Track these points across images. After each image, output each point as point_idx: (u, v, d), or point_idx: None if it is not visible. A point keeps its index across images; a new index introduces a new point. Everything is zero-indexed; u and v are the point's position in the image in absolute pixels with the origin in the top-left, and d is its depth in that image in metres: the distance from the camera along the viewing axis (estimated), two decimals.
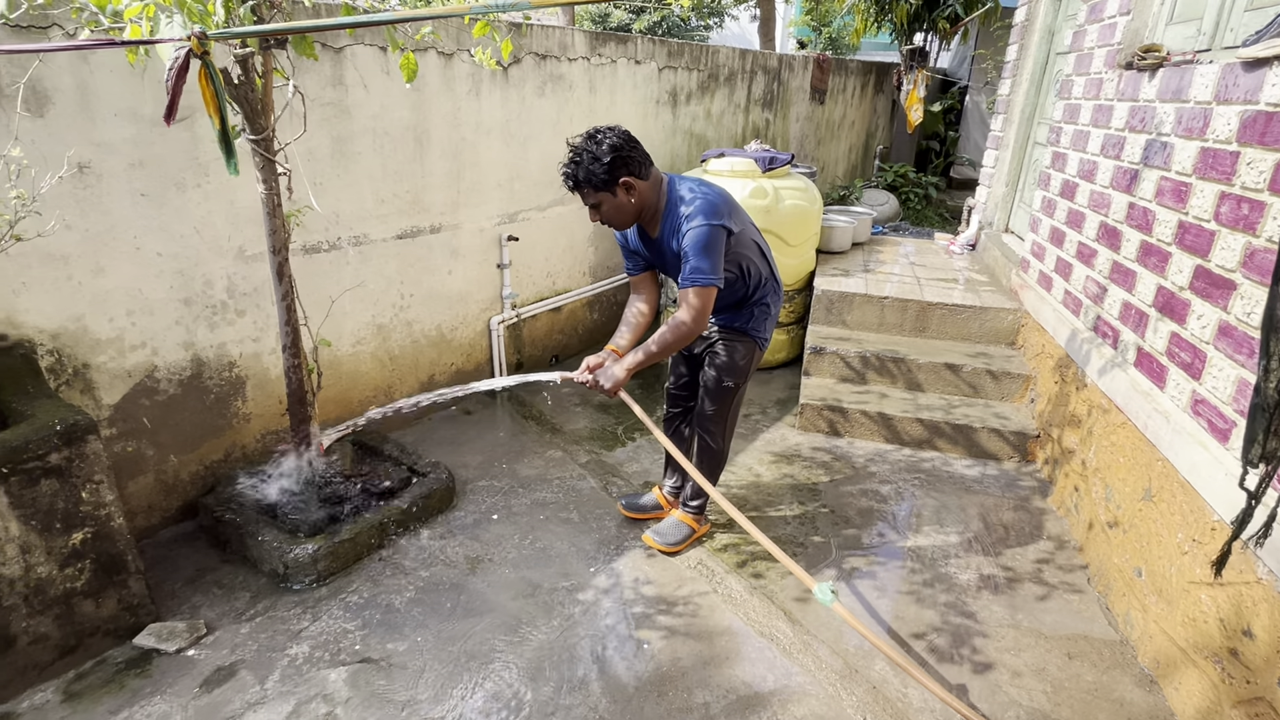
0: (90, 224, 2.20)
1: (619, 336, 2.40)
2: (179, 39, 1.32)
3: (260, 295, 2.68)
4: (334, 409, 3.09)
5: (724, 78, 5.19)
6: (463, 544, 2.61)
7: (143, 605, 2.13)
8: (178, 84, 1.36)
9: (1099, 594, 2.45)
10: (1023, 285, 3.77)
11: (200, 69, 1.38)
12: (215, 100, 1.43)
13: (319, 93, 2.67)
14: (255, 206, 2.56)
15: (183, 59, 1.32)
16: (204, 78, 1.39)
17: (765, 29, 9.15)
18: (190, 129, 2.36)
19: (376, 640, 2.16)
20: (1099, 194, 2.91)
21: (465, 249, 3.49)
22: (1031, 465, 3.27)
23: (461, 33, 3.14)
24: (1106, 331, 2.73)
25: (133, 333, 2.38)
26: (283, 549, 2.33)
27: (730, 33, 16.92)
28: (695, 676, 2.07)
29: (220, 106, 1.44)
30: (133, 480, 2.48)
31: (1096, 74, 3.11)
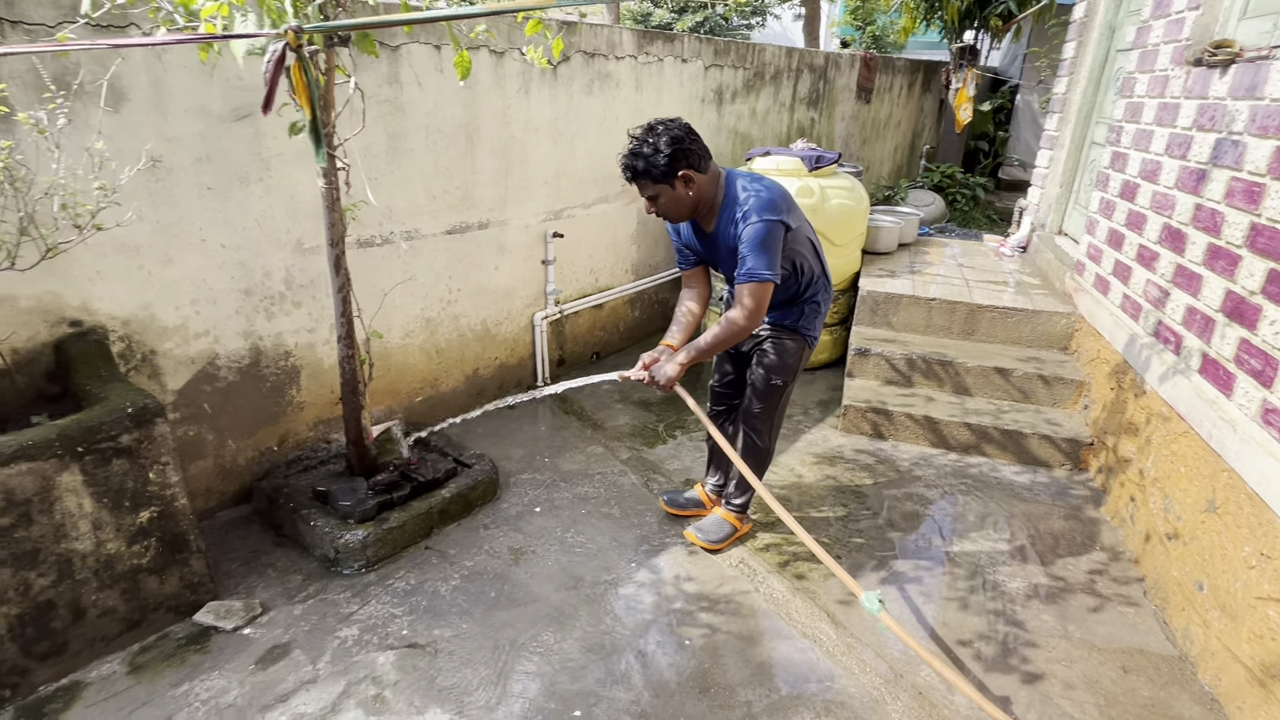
0: (160, 216, 2.29)
1: (671, 334, 2.40)
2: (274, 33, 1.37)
3: (316, 287, 2.76)
4: (383, 399, 3.16)
5: (769, 76, 5.16)
6: (506, 535, 2.65)
7: (203, 584, 2.22)
8: (275, 76, 1.41)
9: (1156, 607, 2.37)
10: (1077, 289, 3.67)
11: (294, 62, 1.43)
12: (308, 92, 1.48)
13: (376, 90, 2.73)
14: (313, 201, 2.63)
15: (280, 52, 1.37)
16: (298, 70, 1.44)
17: (810, 27, 9.07)
18: (254, 125, 2.44)
19: (423, 626, 2.20)
20: (1162, 195, 2.81)
21: (511, 245, 3.54)
22: (1084, 473, 3.18)
23: (513, 31, 3.18)
24: (1168, 337, 2.64)
25: (196, 321, 2.47)
26: (334, 534, 2.39)
27: (772, 31, 16.79)
28: (737, 675, 2.06)
29: (312, 98, 1.49)
30: (193, 463, 2.58)
31: (1162, 71, 3.01)
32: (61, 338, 2.18)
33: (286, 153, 2.53)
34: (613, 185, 4.06)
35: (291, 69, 1.43)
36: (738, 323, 2.15)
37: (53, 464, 1.82)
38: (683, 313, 2.45)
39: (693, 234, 2.35)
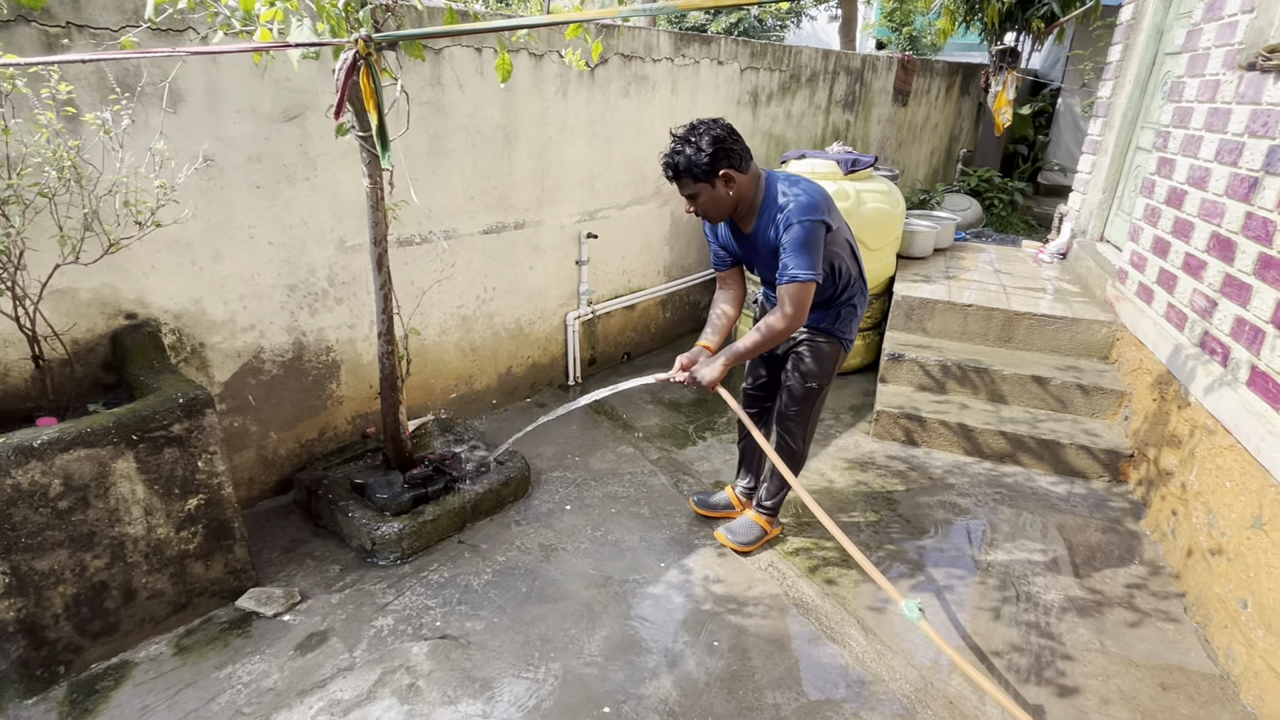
0: (212, 213, 2.37)
1: (706, 336, 2.41)
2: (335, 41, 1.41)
3: (357, 285, 2.83)
4: (419, 395, 3.22)
5: (805, 79, 5.14)
6: (537, 532, 2.68)
7: (245, 570, 2.29)
8: (346, 82, 1.46)
9: (1197, 624, 2.31)
10: (1119, 297, 3.59)
11: (363, 68, 1.48)
12: (375, 96, 1.53)
13: (419, 92, 2.79)
14: (357, 200, 2.70)
15: (351, 60, 1.42)
16: (366, 76, 1.49)
17: (847, 29, 8.99)
18: (301, 126, 2.51)
19: (456, 618, 2.25)
20: (1211, 202, 2.74)
21: (546, 245, 3.58)
22: (1124, 486, 3.12)
23: (553, 34, 3.22)
24: (1215, 348, 2.58)
25: (243, 315, 2.55)
26: (371, 526, 2.45)
27: (806, 33, 16.68)
28: (765, 677, 2.07)
29: (379, 103, 1.53)
30: (237, 454, 2.66)
31: (1213, 75, 2.93)
32: (118, 329, 2.27)
33: (332, 153, 2.60)
34: (646, 187, 4.08)
35: (361, 76, 1.48)
36: (776, 327, 2.16)
37: (109, 450, 1.89)
38: (718, 314, 2.46)
39: (730, 234, 2.36)
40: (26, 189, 1.82)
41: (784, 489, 2.61)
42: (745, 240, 2.32)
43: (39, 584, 1.85)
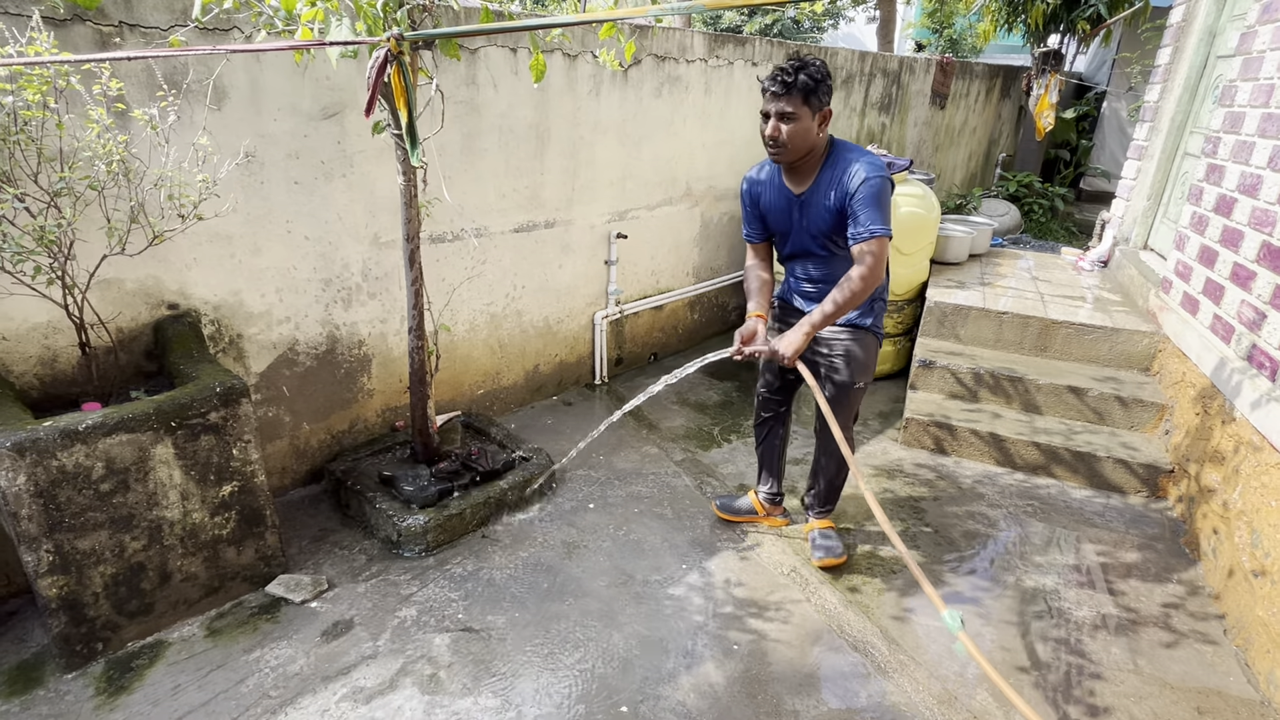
0: (252, 208, 2.43)
1: (754, 305, 2.33)
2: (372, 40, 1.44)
3: (389, 280, 2.87)
4: (447, 391, 3.26)
5: (841, 80, 5.08)
6: (560, 529, 2.70)
7: (275, 557, 2.34)
8: (378, 80, 1.49)
9: (1237, 648, 2.23)
10: (1162, 307, 3.49)
11: (394, 67, 1.51)
12: (406, 95, 1.56)
13: (453, 91, 2.83)
14: (391, 197, 2.75)
15: (383, 58, 1.45)
16: (397, 75, 1.51)
17: (885, 31, 8.88)
18: (340, 123, 2.56)
19: (478, 611, 2.27)
20: (1263, 211, 2.65)
21: (576, 244, 3.60)
22: (1162, 502, 3.02)
23: (587, 34, 3.24)
24: (1263, 362, 2.48)
25: (280, 308, 2.61)
26: (397, 518, 2.49)
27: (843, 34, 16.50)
28: (785, 683, 2.05)
29: (410, 101, 1.56)
30: (270, 443, 2.72)
31: (1267, 79, 2.83)
32: (160, 319, 2.34)
33: (368, 150, 2.65)
34: (677, 188, 4.08)
35: (392, 74, 1.51)
36: (857, 287, 2.04)
37: (149, 436, 1.95)
38: (757, 280, 2.38)
39: (775, 198, 2.28)
40: (77, 182, 1.89)
41: (838, 490, 2.62)
42: (795, 202, 2.24)
43: (81, 563, 1.92)
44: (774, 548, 2.64)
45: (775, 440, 2.70)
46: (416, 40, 2.05)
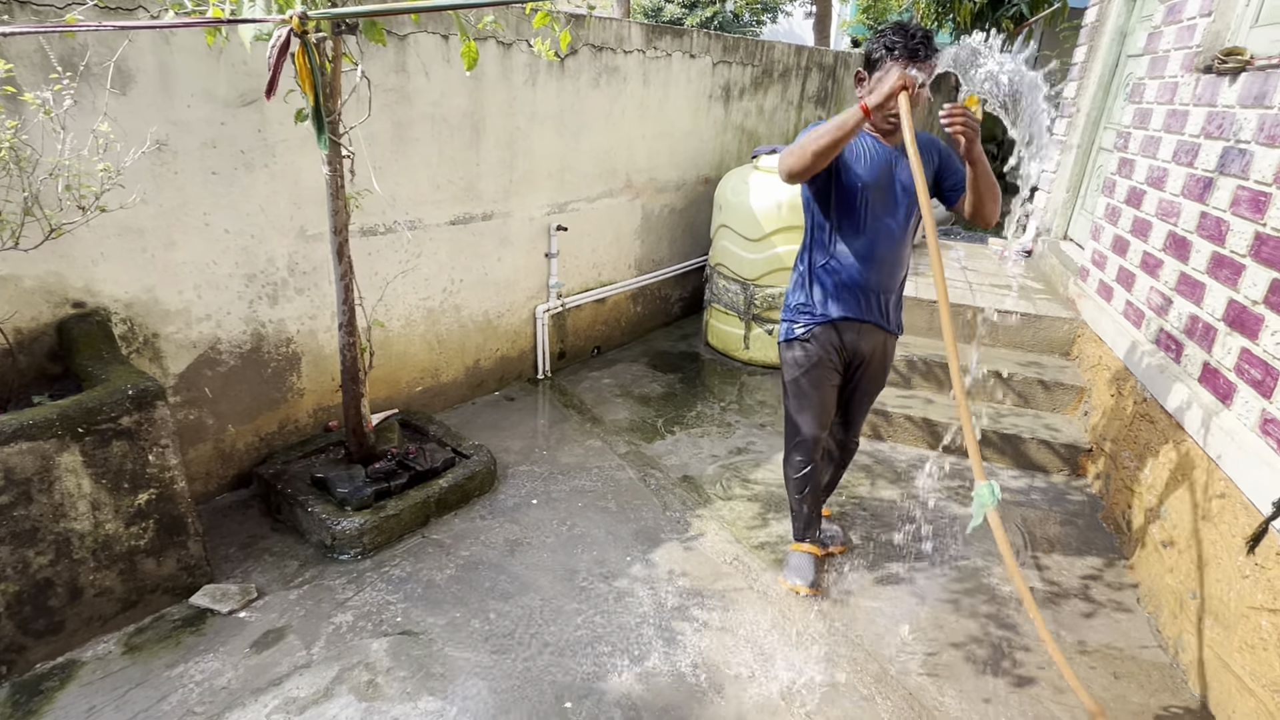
0: (165, 199, 2.29)
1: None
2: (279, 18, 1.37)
3: (318, 274, 2.76)
4: (383, 388, 3.17)
5: (778, 74, 5.14)
6: (502, 526, 2.66)
7: (199, 567, 2.23)
8: (279, 61, 1.41)
9: (1149, 614, 2.37)
10: (1081, 294, 3.66)
11: (299, 47, 1.43)
12: (312, 78, 1.48)
13: (382, 78, 2.73)
14: (317, 188, 2.64)
15: (285, 37, 1.37)
16: (302, 56, 1.44)
17: (821, 26, 9.04)
18: (260, 111, 2.44)
19: (417, 614, 2.22)
20: (1168, 202, 2.80)
21: (515, 237, 3.54)
22: (1082, 479, 3.18)
23: (521, 22, 3.18)
24: (1170, 345, 2.63)
25: (199, 305, 2.48)
26: (331, 521, 2.40)
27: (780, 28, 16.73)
28: (729, 670, 2.07)
29: (316, 84, 1.49)
30: (193, 447, 2.59)
31: (1172, 77, 2.99)
32: (64, 318, 2.19)
33: (291, 139, 2.53)
34: (617, 180, 4.06)
35: (296, 55, 1.43)
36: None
37: (53, 444, 1.83)
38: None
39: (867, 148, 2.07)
40: None
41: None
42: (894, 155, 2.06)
43: None
44: (717, 537, 2.66)
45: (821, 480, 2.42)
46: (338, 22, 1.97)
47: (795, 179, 1.95)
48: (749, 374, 4.17)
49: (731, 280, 4.16)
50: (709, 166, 4.74)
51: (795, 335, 2.24)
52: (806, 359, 2.22)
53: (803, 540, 2.46)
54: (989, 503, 1.64)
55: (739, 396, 3.89)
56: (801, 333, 2.22)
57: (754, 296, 4.08)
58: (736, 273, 4.11)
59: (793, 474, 2.36)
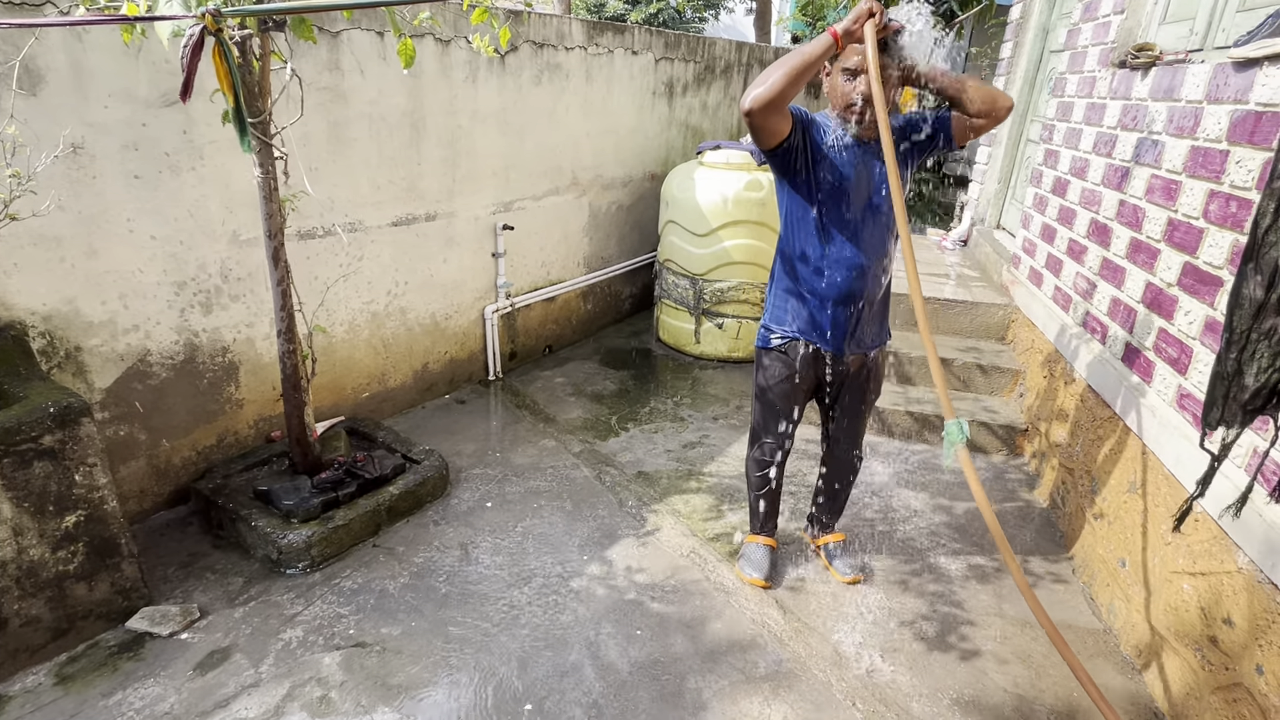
0: (83, 205, 2.18)
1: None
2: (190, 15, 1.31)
3: (254, 280, 2.67)
4: (327, 396, 3.08)
5: (720, 70, 5.19)
6: (456, 531, 2.62)
7: (135, 589, 2.13)
8: (193, 61, 1.35)
9: (1084, 584, 2.49)
10: (1014, 281, 3.81)
11: (214, 46, 1.37)
12: (229, 78, 1.42)
13: (315, 77, 2.65)
14: (250, 191, 2.55)
15: (198, 36, 1.32)
16: (218, 55, 1.38)
17: (761, 22, 9.16)
18: (185, 111, 2.34)
19: (370, 625, 2.17)
20: (1090, 191, 2.94)
21: (460, 237, 3.49)
22: (1020, 458, 3.32)
23: (459, 19, 3.12)
24: (1095, 327, 2.77)
25: (125, 316, 2.36)
26: (276, 534, 2.33)
27: (723, 25, 16.88)
28: (688, 663, 2.09)
29: (234, 84, 1.43)
30: (125, 464, 2.47)
31: (1090, 72, 3.14)
32: None
33: (220, 140, 2.44)
34: (563, 178, 4.03)
35: (212, 54, 1.38)
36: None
37: None
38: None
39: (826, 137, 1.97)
40: None
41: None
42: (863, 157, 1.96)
43: None
44: (674, 531, 2.68)
45: (782, 477, 2.43)
46: (266, 20, 1.90)
47: (765, 113, 1.79)
48: (701, 368, 4.21)
49: (681, 275, 4.18)
50: (655, 163, 4.76)
51: (770, 345, 2.20)
52: (777, 373, 2.20)
53: (759, 532, 2.50)
54: (958, 439, 1.68)
55: (691, 390, 3.93)
56: (777, 343, 2.18)
57: (703, 291, 4.12)
58: (685, 268, 4.14)
59: (753, 472, 2.40)
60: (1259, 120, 1.89)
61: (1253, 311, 0.81)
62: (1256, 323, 0.81)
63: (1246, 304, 0.82)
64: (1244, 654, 1.69)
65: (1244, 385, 0.84)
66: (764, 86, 1.76)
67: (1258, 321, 0.80)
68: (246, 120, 1.59)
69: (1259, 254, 0.80)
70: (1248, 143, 1.93)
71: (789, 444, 2.34)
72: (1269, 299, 0.79)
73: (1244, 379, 0.84)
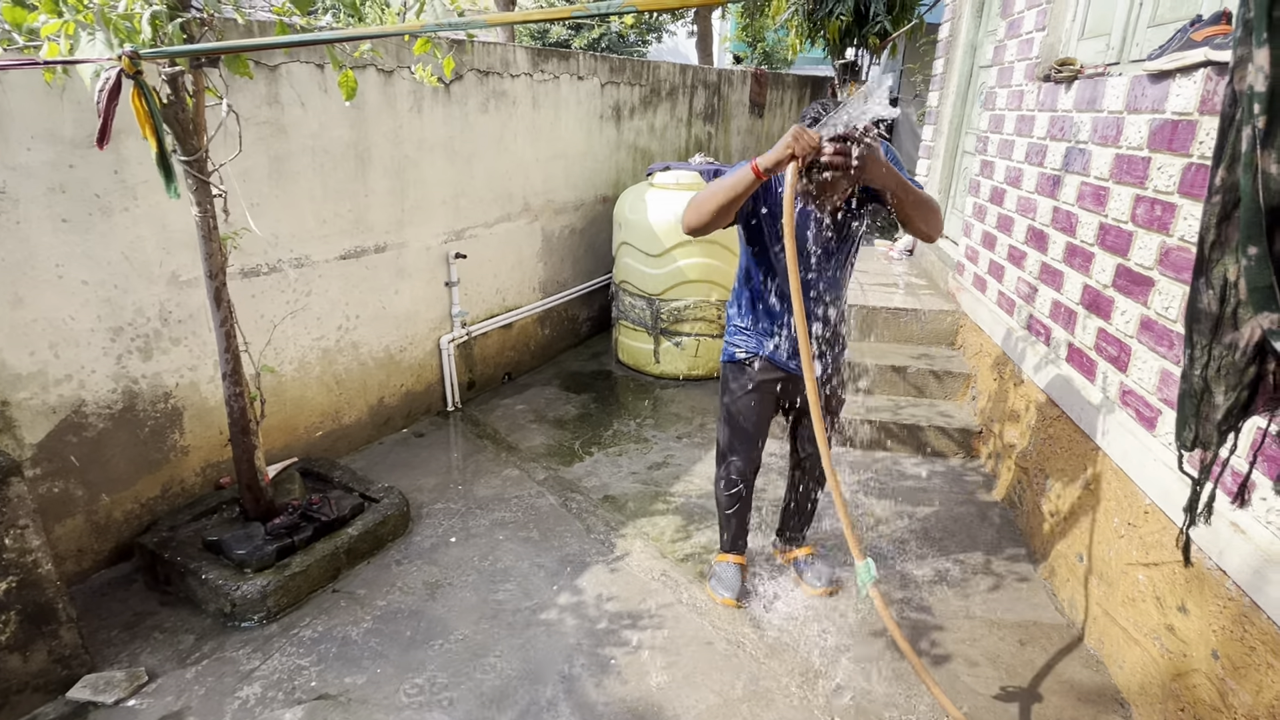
0: (6, 252, 2.07)
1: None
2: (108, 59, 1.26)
3: (197, 322, 2.57)
4: (279, 436, 2.98)
5: (666, 92, 5.27)
6: (420, 569, 2.55)
7: (76, 656, 2.01)
8: (109, 106, 1.30)
9: (1045, 580, 2.55)
10: (959, 288, 3.93)
11: (133, 89, 1.32)
12: (151, 121, 1.37)
13: (254, 111, 2.59)
14: (189, 230, 2.46)
15: (114, 79, 1.27)
16: (137, 98, 1.33)
17: (703, 45, 9.34)
18: (115, 151, 2.26)
19: (333, 675, 2.08)
20: (1026, 199, 3.06)
21: (412, 268, 3.43)
22: (976, 461, 3.40)
23: (401, 50, 3.10)
24: (1039, 329, 2.87)
25: (56, 366, 2.25)
26: (229, 586, 2.23)
27: (667, 48, 17.18)
28: (664, 689, 2.06)
29: (156, 128, 1.38)
30: (60, 523, 2.34)
31: (1018, 86, 3.28)
32: None
33: (154, 179, 2.35)
34: (514, 204, 4.02)
35: (131, 97, 1.33)
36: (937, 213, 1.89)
37: None
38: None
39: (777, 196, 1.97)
40: None
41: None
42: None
43: None
44: (643, 554, 2.66)
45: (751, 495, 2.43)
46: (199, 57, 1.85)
47: (698, 234, 1.92)
48: (662, 387, 4.21)
49: (637, 296, 4.19)
50: (606, 185, 4.79)
51: (734, 358, 2.22)
52: (740, 387, 2.21)
53: (729, 551, 2.49)
54: (867, 580, 1.75)
55: (654, 411, 3.92)
56: (742, 356, 2.20)
57: (660, 311, 4.13)
58: (641, 288, 4.15)
59: (722, 490, 2.40)
60: (1175, 128, 2.00)
61: (1210, 326, 0.84)
62: (1216, 338, 0.83)
63: (1203, 319, 0.85)
64: (1199, 640, 1.75)
65: (1215, 404, 0.86)
66: (698, 217, 1.87)
67: (1217, 336, 0.83)
68: (172, 164, 1.53)
69: (1208, 269, 0.83)
70: (1167, 150, 2.03)
71: (757, 460, 2.36)
72: (1223, 313, 0.82)
73: (1214, 398, 0.86)
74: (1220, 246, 0.80)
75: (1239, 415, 0.85)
